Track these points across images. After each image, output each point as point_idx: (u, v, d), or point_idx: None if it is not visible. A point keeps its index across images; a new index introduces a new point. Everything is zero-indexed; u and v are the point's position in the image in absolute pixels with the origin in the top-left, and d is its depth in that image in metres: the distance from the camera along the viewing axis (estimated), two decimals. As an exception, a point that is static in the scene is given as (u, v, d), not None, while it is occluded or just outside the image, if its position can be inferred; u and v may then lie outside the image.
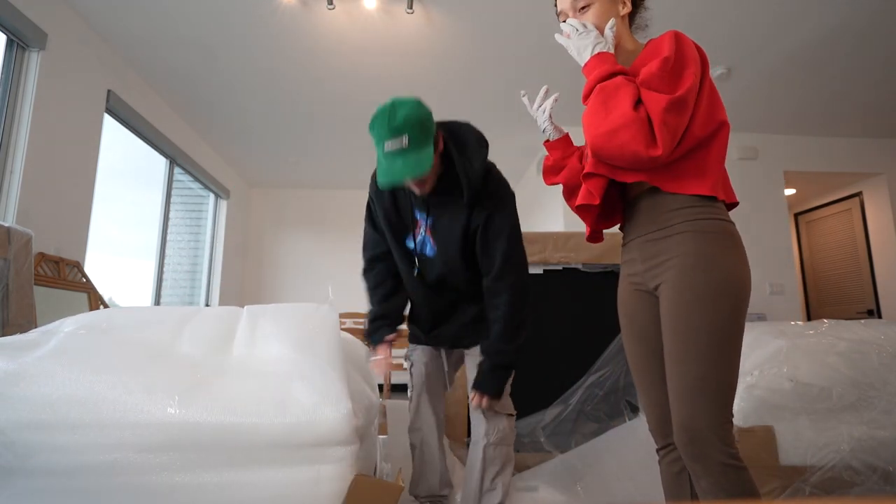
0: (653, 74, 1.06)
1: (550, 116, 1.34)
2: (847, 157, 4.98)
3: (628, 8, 1.29)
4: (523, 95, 1.38)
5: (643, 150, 1.02)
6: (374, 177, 1.57)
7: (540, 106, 1.35)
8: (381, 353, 1.60)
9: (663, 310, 1.10)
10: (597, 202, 1.18)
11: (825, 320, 2.12)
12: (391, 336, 1.62)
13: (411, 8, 3.12)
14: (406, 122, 1.33)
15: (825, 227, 5.62)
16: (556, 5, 1.32)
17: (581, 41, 1.20)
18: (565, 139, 1.37)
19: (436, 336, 1.74)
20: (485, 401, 1.55)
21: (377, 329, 1.65)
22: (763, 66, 3.79)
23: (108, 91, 3.57)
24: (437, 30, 3.37)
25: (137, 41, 3.52)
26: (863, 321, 2.09)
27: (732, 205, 1.19)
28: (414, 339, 1.81)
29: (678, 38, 1.12)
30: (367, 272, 1.73)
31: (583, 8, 1.24)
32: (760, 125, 4.80)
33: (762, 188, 4.84)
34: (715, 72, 3.82)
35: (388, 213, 1.60)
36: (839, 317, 5.07)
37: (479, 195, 1.49)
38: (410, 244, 1.59)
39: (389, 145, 1.33)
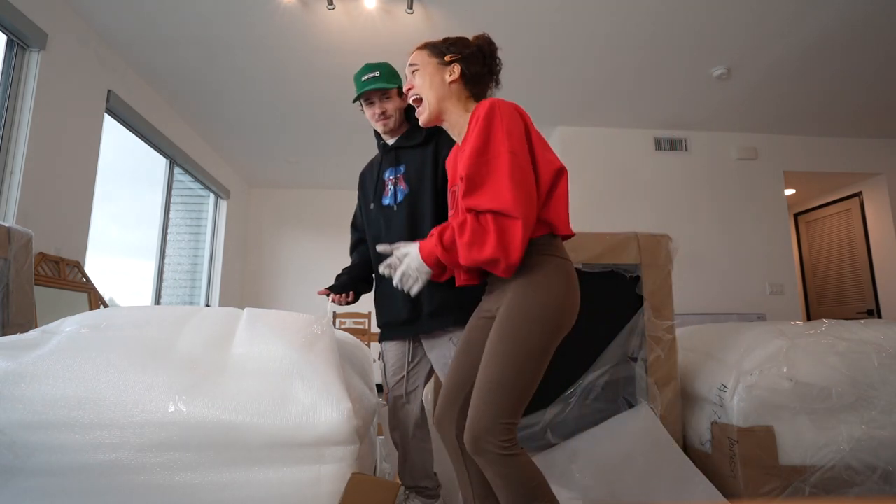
0: (470, 173, 1.21)
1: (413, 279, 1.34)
2: (847, 157, 4.98)
3: (455, 76, 1.37)
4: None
5: (504, 266, 1.17)
6: (364, 168, 1.93)
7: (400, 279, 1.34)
8: (336, 299, 1.80)
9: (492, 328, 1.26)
10: (476, 282, 1.40)
11: (825, 320, 2.12)
12: (348, 296, 1.81)
13: (411, 8, 3.12)
14: (380, 65, 1.77)
15: (825, 227, 5.62)
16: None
17: (412, 263, 1.26)
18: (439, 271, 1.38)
19: (398, 314, 1.71)
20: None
21: (338, 277, 1.86)
22: (763, 66, 3.79)
23: (108, 91, 3.57)
24: (437, 30, 3.37)
25: (137, 41, 3.52)
26: (863, 321, 2.09)
27: (567, 236, 1.34)
28: (383, 335, 1.79)
29: (486, 120, 1.23)
30: (352, 251, 1.97)
31: (413, 71, 1.41)
32: (760, 125, 4.81)
33: (762, 188, 4.84)
34: (715, 72, 3.83)
35: (372, 178, 1.84)
36: (839, 317, 5.08)
37: (437, 130, 1.72)
38: (385, 200, 1.77)
39: (366, 76, 1.74)
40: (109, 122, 3.70)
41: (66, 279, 3.04)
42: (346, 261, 1.96)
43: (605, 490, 1.80)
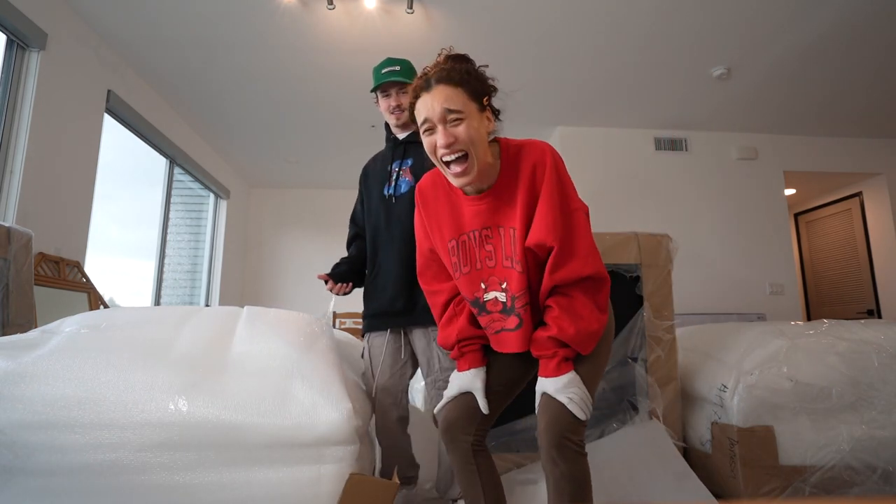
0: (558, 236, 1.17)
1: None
2: (847, 157, 4.98)
3: (492, 125, 1.23)
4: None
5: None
6: (367, 162, 1.97)
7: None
8: (336, 288, 1.81)
9: None
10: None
11: (825, 320, 2.12)
12: (347, 286, 1.83)
13: (411, 8, 3.12)
14: (401, 61, 1.83)
15: (825, 227, 5.62)
16: (410, 111, 1.23)
17: (576, 398, 1.17)
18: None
19: (393, 303, 1.71)
20: None
21: (338, 266, 1.89)
22: (763, 66, 3.79)
23: (108, 91, 3.57)
24: (437, 30, 3.37)
25: (137, 41, 3.52)
26: (863, 321, 2.09)
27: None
28: (371, 325, 1.78)
29: (558, 172, 1.21)
30: (349, 245, 2.00)
31: (455, 120, 1.14)
32: (760, 125, 4.81)
33: (762, 188, 4.84)
34: (715, 72, 3.82)
35: (376, 170, 1.87)
36: (839, 317, 5.08)
37: None
38: (387, 191, 1.79)
39: (387, 69, 1.78)
40: (109, 122, 3.70)
41: (66, 279, 3.04)
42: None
43: (606, 494, 1.80)
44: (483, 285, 1.26)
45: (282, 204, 6.80)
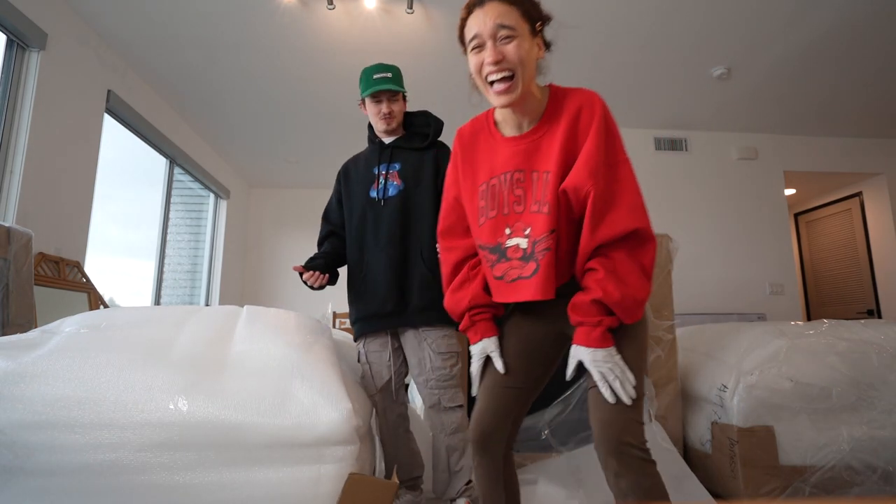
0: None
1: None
2: (847, 157, 4.98)
3: (542, 54, 1.18)
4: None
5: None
6: (346, 162, 1.99)
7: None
8: (310, 277, 1.72)
9: None
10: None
11: (825, 320, 2.12)
12: (323, 278, 1.74)
13: (411, 8, 3.12)
14: (392, 67, 1.82)
15: (825, 227, 5.62)
16: (460, 30, 1.17)
17: (606, 365, 1.07)
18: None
19: (384, 305, 1.71)
20: None
21: (314, 259, 1.80)
22: (763, 66, 3.79)
23: (108, 91, 3.57)
24: (437, 30, 3.37)
25: (137, 41, 3.52)
26: (863, 321, 2.09)
27: None
28: (363, 328, 1.77)
29: (607, 119, 1.12)
30: (322, 242, 1.95)
31: (506, 38, 1.10)
32: (760, 125, 4.81)
33: (762, 188, 4.84)
34: (715, 72, 3.82)
35: (359, 172, 1.88)
36: (839, 317, 5.07)
37: (437, 140, 1.87)
38: (373, 193, 1.80)
39: (378, 75, 1.78)
40: (109, 122, 3.70)
41: (66, 279, 3.04)
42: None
43: (603, 493, 1.80)
44: (508, 231, 1.17)
45: (282, 204, 6.80)
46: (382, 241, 1.74)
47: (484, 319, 1.24)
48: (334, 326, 4.95)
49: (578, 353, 1.09)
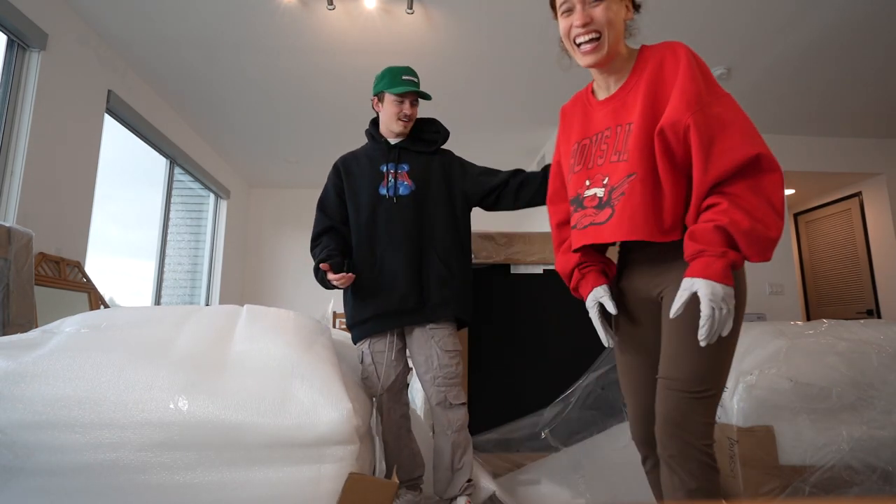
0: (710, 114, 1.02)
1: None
2: (847, 157, 4.98)
3: (631, 15, 1.20)
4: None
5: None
6: (343, 157, 1.97)
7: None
8: (345, 279, 1.66)
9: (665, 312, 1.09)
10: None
11: (825, 320, 2.12)
12: (345, 277, 1.67)
13: (411, 8, 3.12)
14: (417, 74, 1.88)
15: (825, 227, 5.62)
16: None
17: (716, 299, 0.96)
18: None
19: (405, 301, 1.70)
20: None
21: (331, 257, 1.72)
22: (763, 66, 3.79)
23: (108, 91, 3.57)
24: (437, 30, 3.37)
25: (137, 41, 3.52)
26: (862, 321, 2.09)
27: None
28: (370, 329, 1.75)
29: (695, 59, 1.08)
30: (320, 236, 1.86)
31: (595, 1, 1.13)
32: (760, 125, 4.79)
33: (762, 188, 4.84)
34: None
35: (363, 169, 1.87)
36: (839, 317, 5.07)
37: (443, 146, 1.92)
38: (383, 191, 1.80)
39: (407, 77, 1.83)
40: (109, 122, 3.70)
41: (67, 279, 3.04)
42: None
43: (607, 492, 1.80)
44: (588, 182, 1.17)
45: (282, 204, 6.80)
46: (398, 238, 1.74)
47: (593, 271, 1.22)
48: (334, 326, 4.95)
49: (694, 285, 0.95)
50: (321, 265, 1.67)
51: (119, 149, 3.94)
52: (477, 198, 1.85)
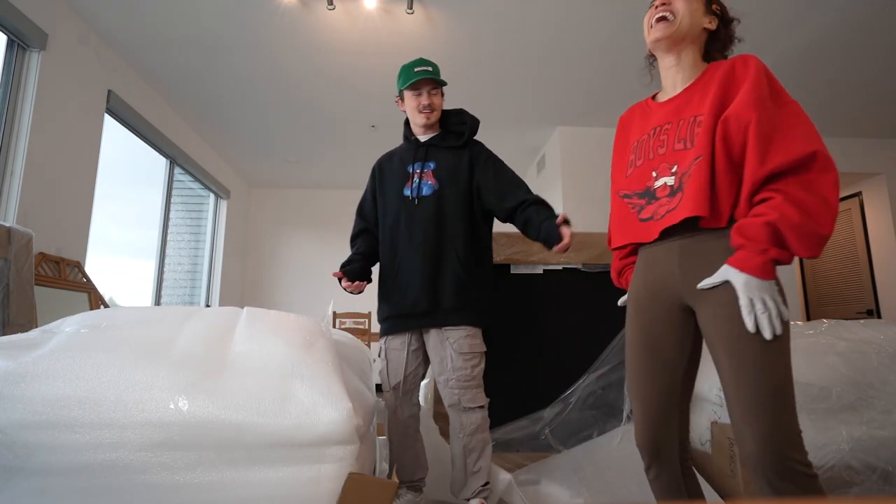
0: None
1: None
2: (846, 157, 4.98)
3: (713, 25, 1.25)
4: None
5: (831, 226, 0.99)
6: (381, 158, 1.95)
7: None
8: (350, 286, 1.74)
9: (718, 317, 1.04)
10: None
11: (825, 320, 2.12)
12: (362, 284, 1.77)
13: (411, 8, 3.12)
14: (432, 62, 1.83)
15: (825, 227, 5.61)
16: None
17: (760, 293, 0.98)
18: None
19: (416, 304, 1.71)
20: (567, 232, 1.56)
21: (349, 263, 1.81)
22: (763, 67, 3.79)
23: (108, 91, 3.58)
24: (437, 30, 3.37)
25: (137, 41, 3.52)
26: (862, 321, 2.09)
27: None
28: (390, 327, 1.78)
29: (765, 71, 1.09)
30: (356, 238, 1.93)
31: None
32: (760, 125, 4.81)
33: (762, 188, 4.84)
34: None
35: (393, 169, 1.85)
36: (838, 317, 5.07)
37: (473, 138, 1.86)
38: (407, 192, 1.78)
39: (419, 69, 1.79)
40: (109, 122, 3.71)
41: (67, 279, 3.04)
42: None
43: (607, 493, 1.80)
44: (654, 174, 1.17)
45: (282, 204, 6.80)
46: (416, 241, 1.73)
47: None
48: (334, 326, 4.95)
49: (727, 273, 0.99)
50: (333, 274, 1.74)
51: (119, 149, 3.94)
52: (490, 208, 1.80)
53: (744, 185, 1.03)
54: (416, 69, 1.79)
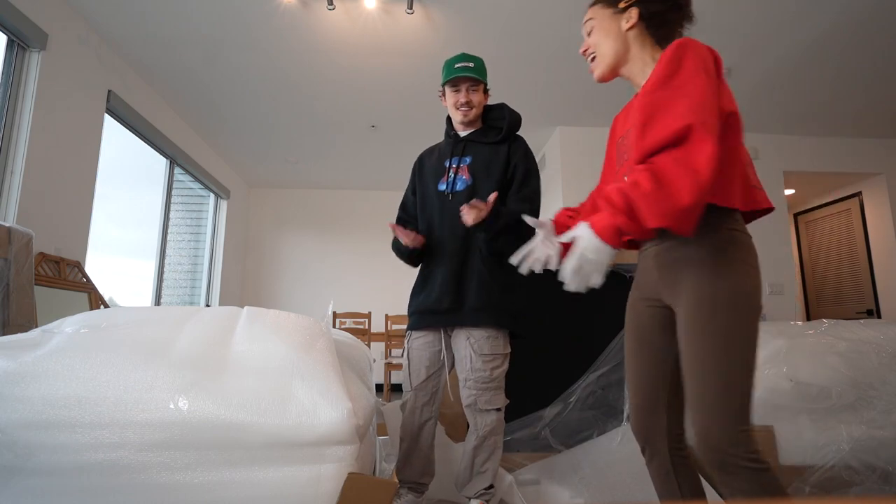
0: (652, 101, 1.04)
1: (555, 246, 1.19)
2: (846, 157, 4.98)
3: (633, 20, 1.20)
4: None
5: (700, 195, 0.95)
6: (423, 152, 1.96)
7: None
8: (404, 233, 1.69)
9: (680, 319, 1.09)
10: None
11: (825, 320, 2.12)
12: (411, 234, 1.70)
13: (411, 8, 3.12)
14: (475, 58, 1.82)
15: (824, 227, 5.62)
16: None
17: (587, 250, 0.99)
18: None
19: (440, 302, 1.69)
20: (470, 213, 1.53)
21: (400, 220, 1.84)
22: (763, 66, 3.79)
23: (108, 91, 3.57)
24: (437, 30, 3.37)
25: (137, 41, 3.52)
26: (862, 321, 2.09)
27: (764, 211, 1.17)
28: (415, 323, 1.77)
29: (675, 54, 1.06)
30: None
31: (589, 33, 1.26)
32: (760, 125, 4.81)
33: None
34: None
35: (432, 163, 1.85)
36: (838, 317, 5.08)
37: (515, 133, 1.83)
38: (442, 186, 1.78)
39: (460, 64, 1.78)
40: (109, 122, 3.71)
41: (67, 279, 3.04)
42: (347, 260, 1.96)
43: (607, 493, 1.80)
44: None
45: (282, 204, 6.80)
46: (446, 236, 1.72)
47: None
48: (334, 326, 4.96)
49: (579, 230, 1.00)
50: (389, 223, 1.73)
51: (119, 149, 3.94)
52: None
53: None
54: (456, 65, 1.78)
